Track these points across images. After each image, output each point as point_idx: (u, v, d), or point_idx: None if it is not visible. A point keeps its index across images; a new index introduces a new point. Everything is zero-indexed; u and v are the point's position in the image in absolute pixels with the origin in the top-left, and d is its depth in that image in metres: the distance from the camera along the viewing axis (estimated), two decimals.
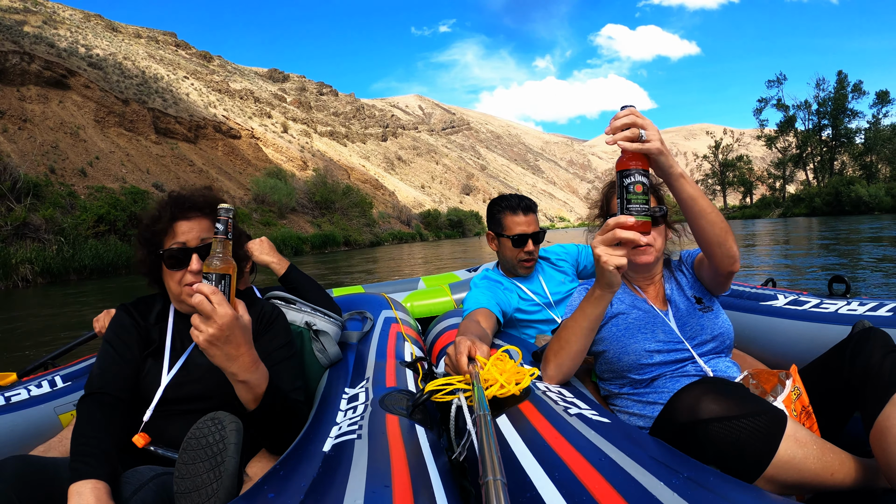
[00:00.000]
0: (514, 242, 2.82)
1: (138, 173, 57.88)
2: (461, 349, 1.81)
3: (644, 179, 1.59)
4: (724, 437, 1.36)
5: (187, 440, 1.36)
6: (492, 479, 0.96)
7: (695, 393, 1.48)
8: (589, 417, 1.51)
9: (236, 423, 1.37)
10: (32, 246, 24.14)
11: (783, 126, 76.04)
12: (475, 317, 2.50)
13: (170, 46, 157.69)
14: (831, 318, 2.34)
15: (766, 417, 1.37)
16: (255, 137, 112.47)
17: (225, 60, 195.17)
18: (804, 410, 1.63)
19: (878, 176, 65.73)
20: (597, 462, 1.24)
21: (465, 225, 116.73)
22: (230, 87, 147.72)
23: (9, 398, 2.50)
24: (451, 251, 35.20)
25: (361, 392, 2.06)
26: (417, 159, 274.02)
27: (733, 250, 1.83)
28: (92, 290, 18.82)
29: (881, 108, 68.56)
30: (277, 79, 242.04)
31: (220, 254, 1.53)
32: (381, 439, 1.52)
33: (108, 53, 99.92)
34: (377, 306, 3.48)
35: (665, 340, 1.97)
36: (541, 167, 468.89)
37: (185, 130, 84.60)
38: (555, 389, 1.83)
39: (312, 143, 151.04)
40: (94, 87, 69.83)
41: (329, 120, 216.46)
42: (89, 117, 64.41)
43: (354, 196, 73.28)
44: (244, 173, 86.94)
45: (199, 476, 1.30)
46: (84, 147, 55.85)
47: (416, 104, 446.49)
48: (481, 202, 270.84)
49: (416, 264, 21.53)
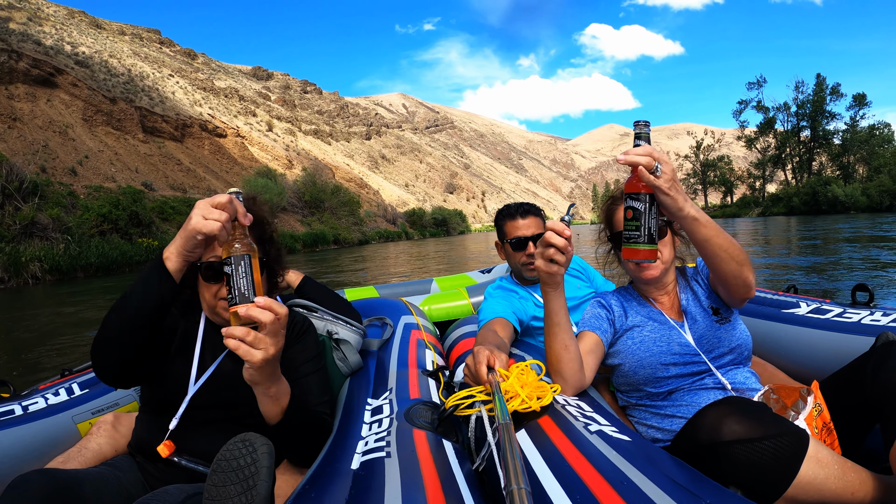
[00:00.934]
0: (513, 246, 2.86)
1: (127, 172, 58.15)
2: (480, 359, 1.81)
3: (635, 205, 1.60)
4: (746, 458, 1.36)
5: (217, 462, 1.35)
6: (516, 487, 0.96)
7: (717, 413, 1.48)
8: (609, 435, 1.49)
9: (268, 446, 1.35)
10: (40, 244, 24.87)
11: (763, 127, 77.63)
12: (492, 326, 2.49)
13: (154, 44, 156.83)
14: (854, 328, 2.28)
15: (789, 439, 1.36)
16: (241, 136, 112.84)
17: (209, 58, 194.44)
18: (825, 427, 1.62)
19: (854, 176, 67.34)
20: (617, 484, 1.22)
21: (449, 224, 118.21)
22: (215, 86, 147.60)
23: (26, 407, 2.47)
24: (437, 249, 36.33)
25: (385, 404, 2.06)
26: (401, 158, 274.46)
27: (749, 280, 1.80)
28: (98, 287, 19.18)
29: (858, 110, 70.40)
30: (261, 77, 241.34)
31: (239, 237, 1.51)
32: (411, 457, 1.51)
33: (93, 51, 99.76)
34: (396, 312, 3.47)
35: (681, 353, 1.95)
36: (524, 166, 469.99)
37: (171, 129, 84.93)
38: (574, 403, 1.81)
39: (297, 142, 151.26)
40: (82, 86, 70.24)
41: (313, 118, 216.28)
42: (77, 116, 64.87)
43: (343, 195, 74.36)
44: (231, 172, 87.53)
45: (230, 499, 1.30)
46: (73, 146, 56.27)
47: (400, 102, 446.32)
48: (465, 201, 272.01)
49: (406, 262, 22.54)
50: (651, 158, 1.55)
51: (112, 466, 1.78)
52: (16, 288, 21.28)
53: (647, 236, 1.59)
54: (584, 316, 2.17)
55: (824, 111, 72.36)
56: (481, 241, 51.80)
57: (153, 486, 1.74)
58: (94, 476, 1.62)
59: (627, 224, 1.60)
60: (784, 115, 76.21)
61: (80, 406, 2.54)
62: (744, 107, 77.15)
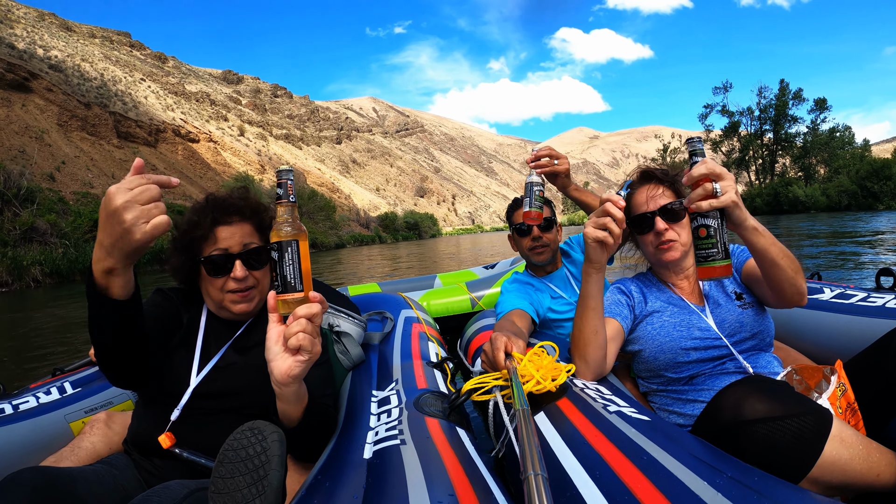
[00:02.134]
0: (518, 232, 2.87)
1: (104, 178, 58.64)
2: (498, 345, 1.80)
3: (710, 223, 1.59)
4: (769, 438, 1.33)
5: (224, 452, 1.24)
6: (532, 474, 0.95)
7: (738, 392, 1.45)
8: (629, 415, 1.48)
9: (279, 434, 1.26)
10: (39, 249, 26.01)
11: (728, 131, 79.63)
12: (510, 317, 2.49)
13: (124, 47, 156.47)
14: (879, 311, 2.25)
15: (812, 418, 1.33)
16: (213, 141, 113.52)
17: (179, 61, 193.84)
18: (850, 407, 1.58)
19: (815, 177, 69.37)
20: (638, 461, 1.21)
21: (420, 227, 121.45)
22: (186, 90, 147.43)
23: (17, 406, 2.43)
24: (408, 252, 37.72)
25: (392, 395, 2.02)
26: (372, 162, 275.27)
27: (802, 287, 1.77)
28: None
29: (819, 114, 72.26)
30: (232, 80, 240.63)
31: (288, 220, 1.37)
32: (428, 444, 1.48)
33: (65, 55, 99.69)
34: (396, 306, 3.44)
35: (702, 338, 1.91)
36: (494, 169, 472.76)
37: (145, 134, 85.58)
38: (592, 387, 1.79)
39: (268, 147, 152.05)
40: (57, 91, 70.53)
41: (284, 122, 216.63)
42: (52, 121, 65.10)
43: (319, 200, 76.46)
44: (205, 177, 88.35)
45: (240, 491, 1.19)
46: (50, 151, 56.59)
47: (371, 106, 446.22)
48: (435, 204, 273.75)
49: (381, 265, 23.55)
50: (708, 185, 1.56)
51: (107, 464, 1.72)
52: (18, 291, 22.20)
53: (724, 252, 1.58)
54: (605, 302, 2.12)
55: (787, 115, 74.51)
56: (452, 244, 53.11)
57: (150, 484, 1.70)
58: (87, 474, 1.57)
59: (703, 242, 1.59)
60: (748, 118, 78.52)
61: (73, 405, 2.47)
62: (709, 111, 78.77)
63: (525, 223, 2.75)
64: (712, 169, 1.56)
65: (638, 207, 2.03)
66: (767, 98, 76.27)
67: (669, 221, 1.96)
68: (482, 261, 21.64)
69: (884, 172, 54.50)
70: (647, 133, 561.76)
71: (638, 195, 2.05)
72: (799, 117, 74.29)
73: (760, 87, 77.13)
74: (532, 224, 2.52)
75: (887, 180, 53.91)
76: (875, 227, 21.20)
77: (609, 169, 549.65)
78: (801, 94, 73.31)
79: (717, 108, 78.65)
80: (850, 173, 59.64)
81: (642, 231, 2.03)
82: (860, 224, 24.55)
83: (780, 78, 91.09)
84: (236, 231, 1.82)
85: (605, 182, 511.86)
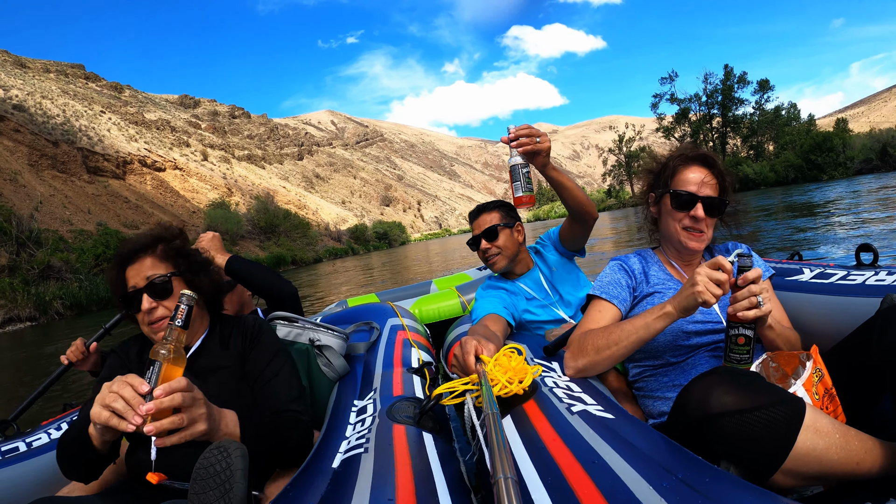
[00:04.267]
0: (471, 245, 2.89)
1: (81, 214, 60.08)
2: (468, 349, 1.78)
3: (749, 333, 1.63)
4: (737, 431, 1.29)
5: (196, 471, 1.37)
6: (502, 477, 0.94)
7: (704, 385, 1.40)
8: (592, 414, 1.47)
9: (241, 450, 1.36)
10: (56, 284, 28.76)
11: (678, 117, 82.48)
12: (483, 321, 2.48)
13: (80, 80, 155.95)
14: (859, 290, 2.19)
15: (783, 408, 1.29)
16: (179, 168, 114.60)
17: (135, 90, 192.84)
18: (827, 393, 1.54)
19: (764, 154, 72.80)
20: (589, 464, 1.21)
21: (390, 236, 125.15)
22: (146, 118, 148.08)
23: (30, 444, 2.53)
24: (381, 261, 40.38)
25: (369, 403, 2.06)
26: (335, 175, 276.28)
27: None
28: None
29: (763, 94, 76.28)
30: (189, 105, 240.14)
31: (167, 343, 1.53)
32: (387, 451, 1.52)
33: (26, 93, 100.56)
34: (383, 316, 3.45)
35: (703, 321, 1.91)
36: (457, 172, 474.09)
37: (113, 167, 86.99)
38: (563, 384, 1.77)
39: (233, 169, 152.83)
40: (25, 131, 71.81)
41: (245, 143, 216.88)
42: (23, 162, 66.24)
43: (294, 219, 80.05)
44: (175, 205, 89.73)
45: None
46: (25, 192, 57.59)
47: (329, 119, 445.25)
48: (402, 212, 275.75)
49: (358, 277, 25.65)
50: (753, 299, 1.60)
51: (113, 491, 1.82)
52: (45, 324, 25.06)
53: (753, 356, 1.66)
54: (603, 278, 2.11)
55: (733, 98, 77.72)
56: (421, 249, 55.93)
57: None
58: (94, 501, 1.65)
59: (738, 348, 1.64)
60: (696, 104, 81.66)
61: None
62: (658, 100, 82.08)
63: (476, 237, 2.84)
64: (759, 276, 1.62)
65: (686, 184, 1.98)
66: (713, 84, 79.79)
67: (708, 214, 1.96)
68: (451, 262, 24.52)
69: (826, 145, 57.63)
70: (605, 123, 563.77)
71: (690, 172, 2.00)
72: (745, 99, 77.79)
73: (706, 73, 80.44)
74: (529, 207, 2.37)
75: (829, 152, 57.04)
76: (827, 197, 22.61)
77: (570, 162, 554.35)
78: (745, 78, 76.89)
79: (666, 96, 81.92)
80: (794, 148, 62.72)
81: (680, 208, 1.99)
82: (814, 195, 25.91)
83: (725, 63, 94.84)
84: (139, 267, 1.88)
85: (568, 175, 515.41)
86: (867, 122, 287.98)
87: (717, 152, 54.19)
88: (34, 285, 27.85)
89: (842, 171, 55.35)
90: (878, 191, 21.92)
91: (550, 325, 2.77)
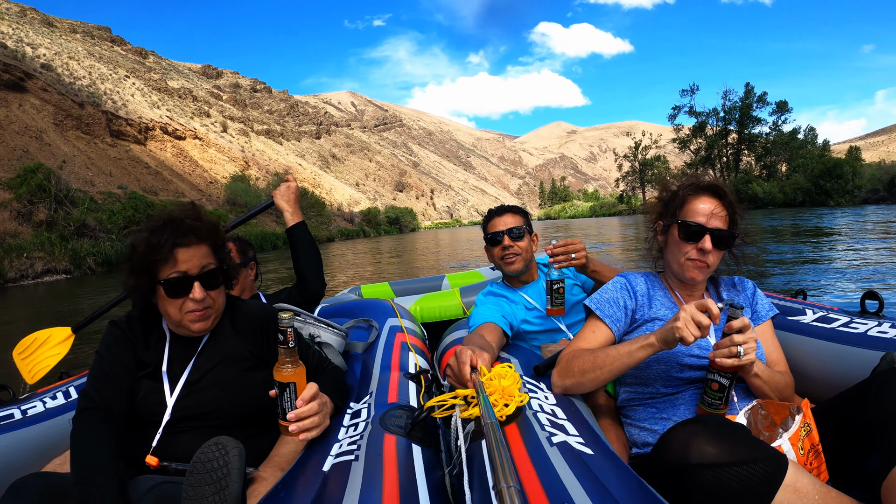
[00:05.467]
0: (490, 241, 2.85)
1: (103, 176, 61.40)
2: (463, 359, 1.79)
3: (724, 381, 1.65)
4: (714, 484, 1.28)
5: (193, 463, 1.39)
6: (505, 486, 0.94)
7: (687, 433, 1.40)
8: (572, 448, 1.44)
9: (239, 449, 1.39)
10: (90, 242, 30.89)
11: (695, 130, 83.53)
12: (479, 331, 2.46)
13: (105, 42, 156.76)
14: (860, 340, 2.13)
15: (764, 465, 1.29)
16: (198, 138, 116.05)
17: (159, 57, 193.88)
18: (813, 449, 1.55)
19: (777, 175, 73.25)
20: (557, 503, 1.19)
21: (401, 221, 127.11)
22: (169, 86, 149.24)
23: (25, 411, 2.50)
24: (390, 246, 41.74)
25: (364, 408, 2.05)
26: (351, 157, 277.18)
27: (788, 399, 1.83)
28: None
29: (780, 115, 76.52)
30: (211, 75, 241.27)
31: (288, 362, 1.63)
32: (377, 461, 1.53)
33: (53, 53, 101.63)
34: (382, 314, 3.44)
35: (698, 356, 1.86)
36: (472, 163, 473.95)
37: (135, 132, 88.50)
38: (549, 408, 1.74)
39: (251, 143, 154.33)
40: (52, 91, 73.06)
41: (264, 118, 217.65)
42: (49, 121, 67.45)
43: (310, 198, 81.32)
44: (193, 174, 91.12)
45: (205, 499, 1.35)
46: (50, 151, 58.92)
47: (349, 100, 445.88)
48: (414, 199, 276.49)
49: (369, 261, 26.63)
50: (733, 348, 1.60)
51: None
52: (79, 277, 26.93)
53: (727, 402, 1.66)
54: (603, 294, 2.08)
55: (751, 116, 78.43)
56: (430, 238, 57.60)
57: None
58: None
59: (712, 393, 1.67)
60: (714, 119, 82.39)
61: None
62: (677, 112, 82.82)
63: (499, 233, 2.79)
64: (747, 327, 1.62)
65: (695, 214, 1.93)
66: (732, 101, 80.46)
67: (716, 246, 1.90)
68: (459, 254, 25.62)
69: (836, 171, 58.26)
70: (624, 128, 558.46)
71: (700, 202, 1.94)
72: (762, 118, 78.31)
73: (726, 90, 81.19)
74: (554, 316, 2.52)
75: (839, 178, 57.66)
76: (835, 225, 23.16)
77: (586, 163, 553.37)
78: (764, 98, 77.67)
79: (685, 108, 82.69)
80: (805, 171, 63.27)
81: (688, 240, 1.93)
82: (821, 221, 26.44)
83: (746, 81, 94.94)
84: (194, 253, 1.84)
85: (583, 176, 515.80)
86: (885, 151, 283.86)
87: (730, 169, 54.84)
88: (70, 241, 29.67)
89: (848, 199, 56.04)
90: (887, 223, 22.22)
91: (548, 336, 2.77)
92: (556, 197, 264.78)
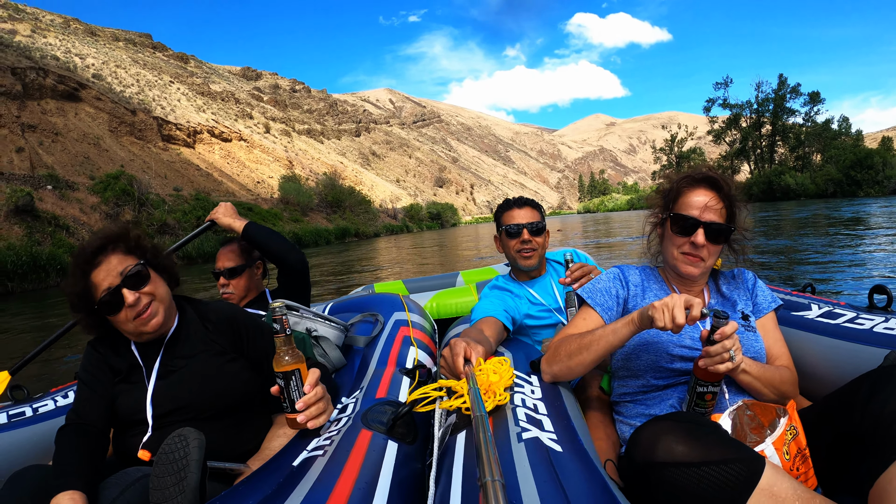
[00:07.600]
0: (508, 233, 2.79)
1: (158, 179, 63.18)
2: (457, 351, 1.79)
3: (716, 390, 1.60)
4: (682, 485, 1.23)
5: (158, 455, 1.41)
6: (490, 480, 0.92)
7: (656, 430, 1.34)
8: (541, 444, 1.41)
9: (199, 440, 1.40)
10: (171, 239, 33.91)
11: (729, 123, 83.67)
12: (479, 325, 2.44)
13: (147, 49, 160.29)
14: (865, 337, 2.05)
15: (736, 467, 1.22)
16: (244, 139, 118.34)
17: (199, 61, 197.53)
18: (800, 454, 1.48)
19: (810, 166, 72.54)
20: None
21: (442, 217, 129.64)
22: (211, 90, 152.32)
23: (36, 409, 2.59)
24: (431, 238, 43.41)
25: (351, 403, 2.04)
26: (391, 154, 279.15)
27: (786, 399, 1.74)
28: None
29: (813, 106, 76.38)
30: (251, 77, 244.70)
31: (287, 351, 1.66)
32: (342, 456, 1.52)
33: (101, 62, 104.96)
34: (390, 307, 3.34)
35: (691, 347, 1.79)
36: (511, 157, 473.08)
37: (184, 136, 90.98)
38: (531, 403, 1.71)
39: (293, 143, 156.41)
40: (105, 99, 75.98)
41: (304, 118, 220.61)
42: (104, 128, 70.24)
43: (358, 195, 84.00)
44: (241, 175, 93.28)
45: (167, 489, 1.36)
46: (108, 156, 61.80)
47: (387, 98, 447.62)
48: (454, 194, 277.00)
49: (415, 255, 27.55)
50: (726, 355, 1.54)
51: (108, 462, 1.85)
52: None
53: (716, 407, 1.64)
54: (596, 284, 2.05)
55: (784, 108, 78.49)
56: (471, 231, 59.06)
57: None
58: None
59: (703, 403, 1.61)
60: (748, 111, 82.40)
61: None
62: (711, 105, 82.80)
63: (519, 226, 2.74)
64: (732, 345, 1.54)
65: (689, 207, 1.86)
66: (765, 92, 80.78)
67: (710, 240, 1.83)
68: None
69: (867, 162, 58.00)
70: (663, 119, 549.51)
71: (695, 195, 1.87)
72: (795, 110, 78.44)
73: (759, 82, 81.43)
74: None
75: (869, 169, 57.40)
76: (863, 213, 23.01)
77: (626, 156, 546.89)
78: (798, 89, 77.69)
79: (719, 101, 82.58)
80: (837, 162, 63.16)
81: (681, 233, 1.86)
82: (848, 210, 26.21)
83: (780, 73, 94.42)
84: (108, 266, 1.85)
85: (622, 169, 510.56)
86: None
87: (765, 160, 55.63)
88: (154, 238, 32.42)
89: (878, 189, 55.64)
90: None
91: (550, 332, 2.73)
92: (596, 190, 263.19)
